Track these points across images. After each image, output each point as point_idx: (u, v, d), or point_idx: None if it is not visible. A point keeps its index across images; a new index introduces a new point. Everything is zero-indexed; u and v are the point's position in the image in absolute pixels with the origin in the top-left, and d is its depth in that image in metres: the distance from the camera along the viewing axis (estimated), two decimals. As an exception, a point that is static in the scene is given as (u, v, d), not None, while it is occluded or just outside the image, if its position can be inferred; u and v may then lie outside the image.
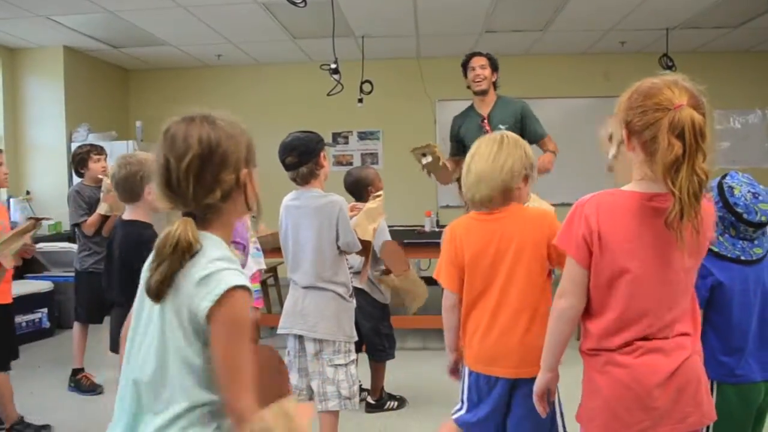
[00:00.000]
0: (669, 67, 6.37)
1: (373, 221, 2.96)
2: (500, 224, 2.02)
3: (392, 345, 3.70)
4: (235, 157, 1.30)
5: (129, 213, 2.63)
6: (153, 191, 2.45)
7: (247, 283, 1.26)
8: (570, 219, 1.63)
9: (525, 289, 1.97)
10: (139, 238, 2.46)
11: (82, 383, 4.11)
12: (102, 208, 3.87)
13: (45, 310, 5.54)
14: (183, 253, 1.23)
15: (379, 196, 3.11)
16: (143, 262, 1.37)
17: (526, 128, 4.20)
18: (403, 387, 3.89)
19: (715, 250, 1.92)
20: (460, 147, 4.30)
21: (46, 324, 5.55)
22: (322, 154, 2.73)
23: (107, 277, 2.75)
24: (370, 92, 6.60)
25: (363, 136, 7.86)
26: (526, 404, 1.88)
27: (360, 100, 6.61)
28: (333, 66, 5.77)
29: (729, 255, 1.92)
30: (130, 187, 2.55)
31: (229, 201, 1.31)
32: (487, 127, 4.26)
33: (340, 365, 2.71)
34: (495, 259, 1.99)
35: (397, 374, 3.93)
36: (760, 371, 1.91)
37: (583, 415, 1.68)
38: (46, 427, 3.47)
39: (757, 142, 7.50)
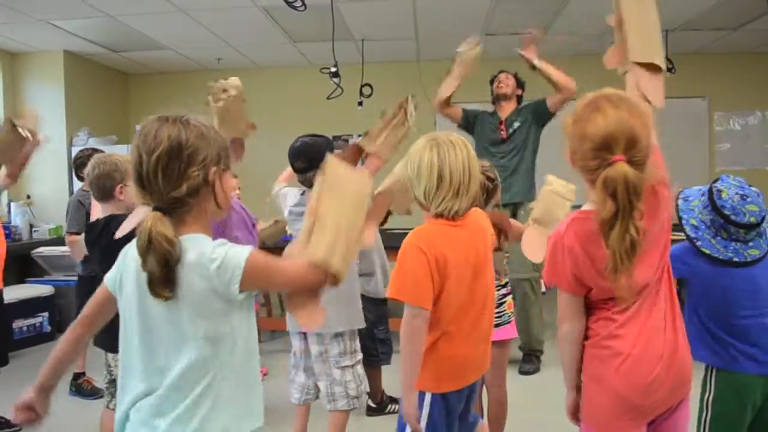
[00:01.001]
0: (669, 69, 6.37)
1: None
2: (466, 230, 1.91)
3: (388, 350, 3.66)
4: (203, 155, 1.35)
5: (103, 212, 2.69)
6: (125, 190, 2.52)
7: (250, 247, 1.36)
8: (553, 253, 1.67)
9: (492, 291, 1.99)
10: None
11: (83, 387, 4.10)
12: None
13: (46, 314, 5.55)
14: (160, 242, 1.27)
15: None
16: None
17: (536, 107, 4.45)
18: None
19: (707, 252, 1.97)
20: (467, 116, 4.61)
21: (47, 328, 5.56)
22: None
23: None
24: (370, 95, 6.60)
25: (363, 139, 7.85)
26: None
27: (360, 104, 6.61)
28: (333, 69, 5.78)
29: (721, 257, 1.96)
30: (102, 185, 2.61)
31: (198, 198, 1.36)
32: (503, 128, 4.46)
33: (346, 366, 2.73)
34: (474, 267, 1.89)
35: (397, 377, 3.92)
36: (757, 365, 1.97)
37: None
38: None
39: (757, 144, 7.50)
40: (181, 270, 1.31)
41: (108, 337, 2.64)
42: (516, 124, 4.45)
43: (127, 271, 1.40)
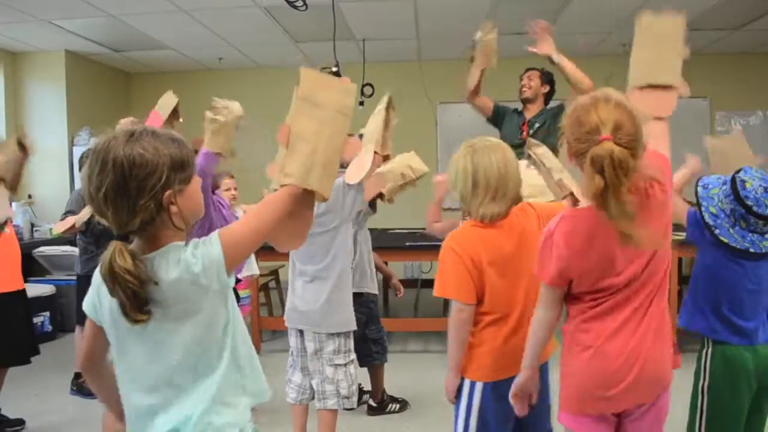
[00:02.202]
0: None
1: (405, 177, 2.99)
2: (507, 229, 2.02)
3: (381, 349, 3.63)
4: (153, 180, 1.27)
5: None
6: None
7: (214, 233, 1.35)
8: (542, 247, 1.74)
9: (536, 283, 2.00)
10: None
11: (84, 387, 4.11)
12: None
13: (47, 313, 5.55)
14: (121, 276, 1.25)
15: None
16: None
17: (557, 111, 4.36)
18: (405, 389, 3.89)
19: (725, 241, 1.99)
20: (498, 111, 4.53)
21: (48, 328, 5.55)
22: None
23: None
24: (371, 95, 6.61)
25: (364, 138, 7.85)
26: (543, 383, 2.02)
27: (361, 103, 6.61)
28: (334, 69, 5.77)
29: (738, 246, 1.99)
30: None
31: (153, 225, 1.31)
32: (525, 129, 4.43)
33: (339, 365, 2.72)
34: (514, 263, 2.00)
35: (398, 376, 3.93)
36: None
37: None
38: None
39: (759, 144, 7.44)
40: (162, 288, 1.29)
41: None
42: (537, 125, 4.42)
43: (103, 295, 1.38)
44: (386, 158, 2.71)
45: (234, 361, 1.38)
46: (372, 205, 3.20)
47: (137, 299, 1.27)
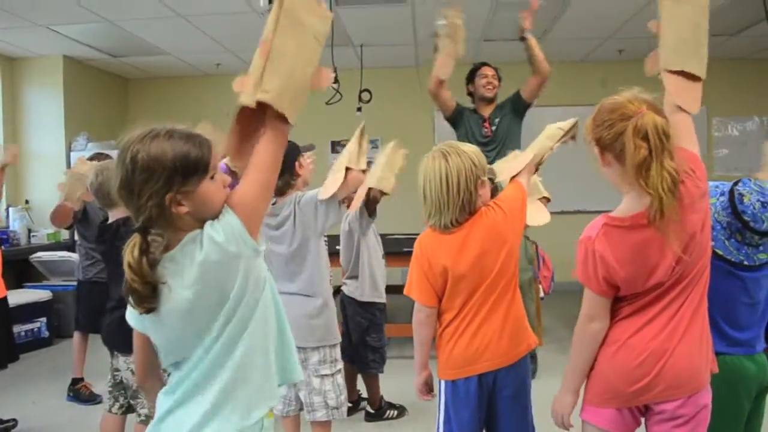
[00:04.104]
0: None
1: (394, 170, 2.95)
2: (468, 231, 2.01)
3: (379, 359, 3.63)
4: (149, 186, 1.29)
5: (112, 217, 2.74)
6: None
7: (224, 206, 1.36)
8: (584, 257, 1.71)
9: (501, 283, 2.01)
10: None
11: (81, 393, 4.10)
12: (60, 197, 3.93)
13: (44, 319, 5.54)
14: (127, 266, 1.28)
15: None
16: None
17: (514, 101, 4.44)
18: (403, 395, 3.88)
19: (720, 253, 1.97)
20: (458, 111, 4.48)
21: (45, 333, 5.54)
22: (296, 163, 2.66)
23: (113, 278, 2.78)
24: (368, 101, 6.62)
25: (362, 144, 7.85)
26: (513, 384, 2.03)
27: (359, 109, 6.62)
28: (332, 75, 5.78)
29: (732, 259, 1.97)
30: (106, 192, 2.66)
31: (170, 217, 1.32)
32: (488, 126, 4.45)
33: (326, 375, 2.68)
34: (473, 266, 1.99)
35: (396, 382, 3.92)
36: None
37: None
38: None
39: (755, 150, 7.47)
40: (193, 276, 1.31)
41: (124, 338, 2.65)
42: (497, 120, 4.44)
43: None
44: (363, 172, 2.69)
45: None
46: (372, 212, 3.19)
47: (136, 295, 1.29)
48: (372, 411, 3.69)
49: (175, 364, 1.41)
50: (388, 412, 3.71)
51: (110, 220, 2.74)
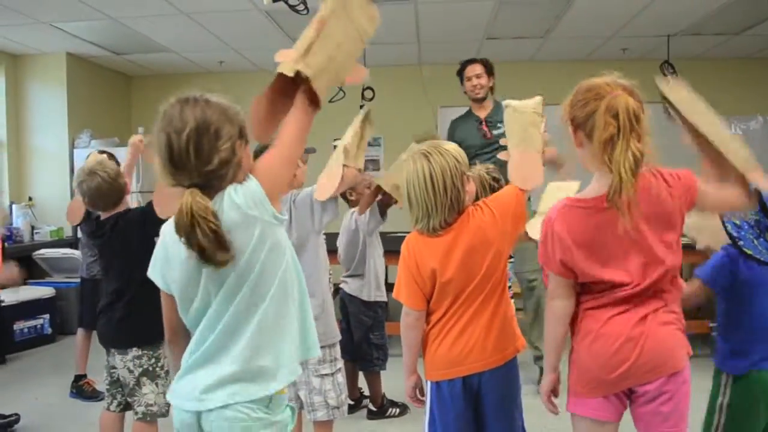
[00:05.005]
0: (670, 74, 6.38)
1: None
2: (456, 233, 1.96)
3: (383, 356, 3.64)
4: (227, 129, 1.41)
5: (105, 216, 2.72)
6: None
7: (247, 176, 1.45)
8: (544, 237, 1.76)
9: (487, 285, 1.97)
10: (140, 214, 2.63)
11: (84, 389, 4.11)
12: None
13: (47, 316, 5.55)
14: (202, 217, 1.33)
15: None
16: (149, 239, 1.47)
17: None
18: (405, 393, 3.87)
19: (749, 252, 1.94)
20: (449, 137, 4.29)
21: (48, 330, 5.56)
22: None
23: (108, 272, 2.79)
24: (371, 99, 6.62)
25: (364, 142, 7.85)
26: (500, 388, 2.00)
27: (362, 107, 6.61)
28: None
29: (763, 259, 1.94)
30: (116, 189, 2.66)
31: (228, 168, 1.41)
32: (485, 128, 4.31)
33: (326, 375, 2.68)
34: (460, 268, 1.94)
35: (398, 381, 3.91)
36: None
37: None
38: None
39: (759, 149, 7.40)
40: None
41: (120, 335, 2.65)
42: (499, 123, 4.17)
43: (172, 259, 1.47)
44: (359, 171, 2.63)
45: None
46: (383, 213, 3.18)
47: (218, 238, 1.35)
48: (374, 409, 3.70)
49: (195, 324, 1.47)
50: (390, 410, 3.71)
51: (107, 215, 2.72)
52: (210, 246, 1.33)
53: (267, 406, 1.46)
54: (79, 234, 4.25)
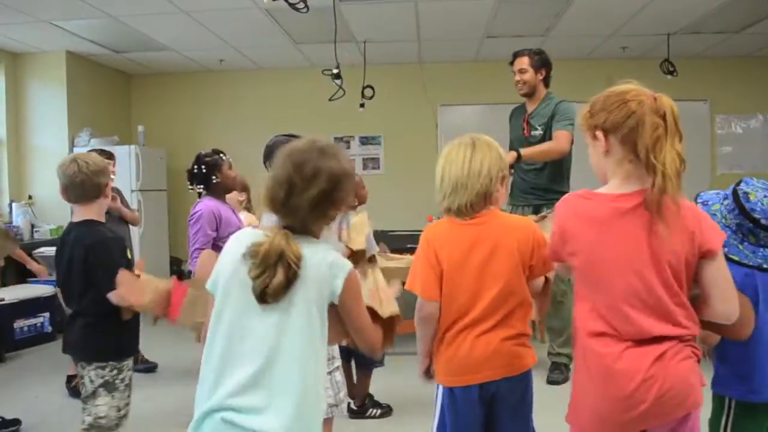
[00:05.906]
0: (670, 72, 6.38)
1: (361, 233, 2.99)
2: (481, 229, 1.93)
3: (381, 356, 3.61)
4: (343, 196, 1.54)
5: (81, 213, 2.65)
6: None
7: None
8: (552, 234, 1.78)
9: (508, 293, 1.91)
10: (101, 237, 2.52)
11: (77, 389, 4.10)
12: None
13: (47, 314, 5.56)
14: (290, 262, 1.44)
15: (359, 211, 3.14)
16: (111, 263, 1.50)
17: (549, 128, 4.13)
18: (394, 392, 3.87)
19: (736, 258, 1.85)
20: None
21: (48, 328, 5.56)
22: None
23: (65, 285, 2.70)
24: (371, 97, 6.61)
25: (364, 141, 7.86)
26: (515, 396, 1.95)
27: (362, 105, 6.62)
28: (335, 71, 5.78)
29: (750, 263, 1.85)
30: (90, 185, 2.62)
31: (320, 221, 1.57)
32: (526, 125, 4.26)
33: None
34: (479, 266, 1.90)
35: (391, 380, 3.91)
36: None
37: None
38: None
39: (759, 147, 7.49)
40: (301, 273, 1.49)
41: (88, 347, 2.51)
42: (538, 125, 4.20)
43: (234, 277, 1.53)
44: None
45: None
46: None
47: (289, 282, 1.45)
48: (355, 407, 3.67)
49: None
50: (370, 410, 3.68)
51: (79, 218, 2.64)
52: (280, 285, 1.45)
53: None
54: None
